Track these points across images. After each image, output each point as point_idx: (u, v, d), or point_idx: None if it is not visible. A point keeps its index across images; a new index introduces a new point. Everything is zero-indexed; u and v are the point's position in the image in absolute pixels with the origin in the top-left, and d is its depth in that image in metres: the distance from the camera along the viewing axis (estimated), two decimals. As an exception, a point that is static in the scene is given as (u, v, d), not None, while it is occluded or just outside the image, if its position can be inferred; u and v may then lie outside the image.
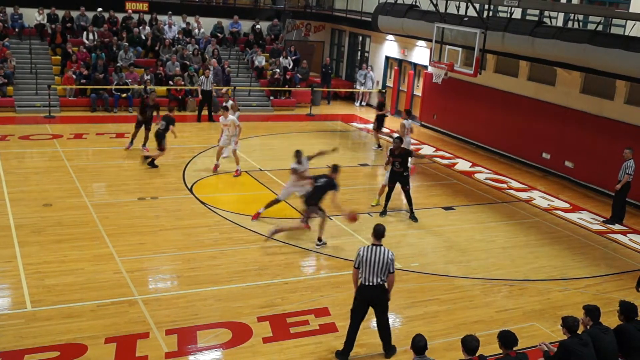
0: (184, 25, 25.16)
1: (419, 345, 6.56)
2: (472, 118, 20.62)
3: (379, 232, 8.08)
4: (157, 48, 23.67)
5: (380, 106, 19.64)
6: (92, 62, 21.92)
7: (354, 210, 11.96)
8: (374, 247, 7.97)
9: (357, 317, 8.14)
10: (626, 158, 13.96)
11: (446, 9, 18.05)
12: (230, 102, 17.11)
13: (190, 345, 8.29)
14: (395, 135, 14.80)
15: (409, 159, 13.33)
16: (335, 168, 11.62)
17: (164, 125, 15.39)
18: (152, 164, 15.51)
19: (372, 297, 8.01)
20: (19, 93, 20.73)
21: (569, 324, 7.02)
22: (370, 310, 8.19)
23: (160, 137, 15.37)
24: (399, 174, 13.15)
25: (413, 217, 13.44)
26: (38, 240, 11.03)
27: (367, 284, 7.92)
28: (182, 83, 22.28)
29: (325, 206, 11.58)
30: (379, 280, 7.91)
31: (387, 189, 13.52)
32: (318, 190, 11.46)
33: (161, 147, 15.43)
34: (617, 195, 14.35)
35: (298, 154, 12.54)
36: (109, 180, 14.62)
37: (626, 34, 15.08)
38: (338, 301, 9.67)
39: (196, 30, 25.27)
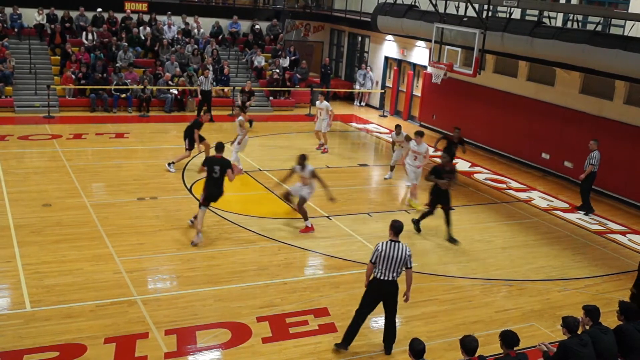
0: (183, 26, 25.16)
1: (417, 349, 6.56)
2: (471, 118, 20.60)
3: (397, 229, 8.10)
4: (156, 48, 23.66)
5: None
6: (92, 62, 21.91)
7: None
8: (392, 242, 8.00)
9: (366, 311, 8.23)
10: (591, 149, 14.44)
11: (445, 9, 18.05)
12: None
13: (189, 345, 8.28)
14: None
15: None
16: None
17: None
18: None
19: (387, 291, 8.10)
20: (18, 93, 20.71)
21: (569, 324, 7.02)
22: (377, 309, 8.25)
23: None
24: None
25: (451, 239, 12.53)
26: (37, 241, 11.01)
27: (383, 278, 8.00)
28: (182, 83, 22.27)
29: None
30: (394, 275, 8.02)
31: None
32: None
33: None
34: (582, 185, 14.79)
35: (302, 158, 12.32)
36: (108, 180, 14.60)
37: (625, 34, 15.10)
38: (337, 301, 9.67)
39: (195, 31, 25.28)
